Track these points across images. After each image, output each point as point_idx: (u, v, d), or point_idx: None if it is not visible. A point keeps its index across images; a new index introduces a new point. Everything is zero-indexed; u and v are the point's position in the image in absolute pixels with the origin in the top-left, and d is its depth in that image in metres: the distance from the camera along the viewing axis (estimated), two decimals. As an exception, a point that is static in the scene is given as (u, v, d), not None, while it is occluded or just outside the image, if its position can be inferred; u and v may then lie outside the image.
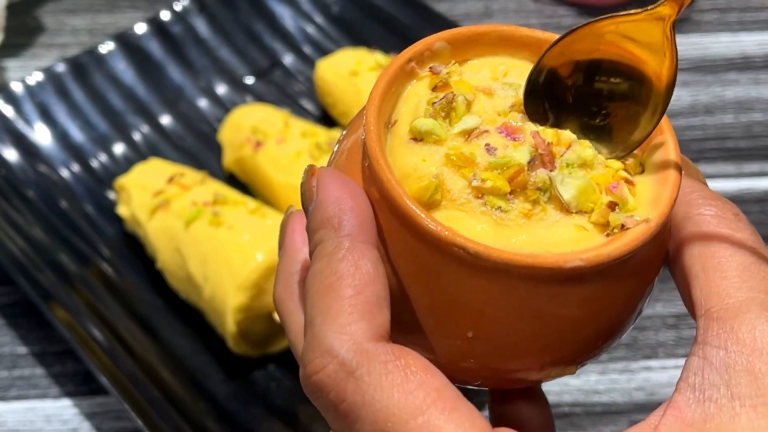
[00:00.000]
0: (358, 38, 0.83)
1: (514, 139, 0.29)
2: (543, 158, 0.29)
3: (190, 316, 0.64)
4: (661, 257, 0.30)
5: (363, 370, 0.26)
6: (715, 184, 0.75)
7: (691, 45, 0.87)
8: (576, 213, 0.29)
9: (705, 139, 0.79)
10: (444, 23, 0.82)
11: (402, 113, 0.31)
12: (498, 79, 0.32)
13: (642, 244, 0.28)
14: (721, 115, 0.81)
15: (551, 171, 0.29)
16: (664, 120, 0.30)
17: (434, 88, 0.31)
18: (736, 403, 0.26)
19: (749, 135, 0.79)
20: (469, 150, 0.29)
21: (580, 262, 0.27)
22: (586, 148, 0.30)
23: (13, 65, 0.85)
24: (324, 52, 0.82)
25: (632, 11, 0.29)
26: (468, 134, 0.30)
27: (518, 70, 0.32)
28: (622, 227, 0.28)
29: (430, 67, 0.31)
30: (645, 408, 0.61)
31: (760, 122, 0.80)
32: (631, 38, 0.30)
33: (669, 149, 0.30)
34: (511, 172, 0.28)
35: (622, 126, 0.30)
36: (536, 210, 0.29)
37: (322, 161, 0.67)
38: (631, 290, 0.30)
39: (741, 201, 0.73)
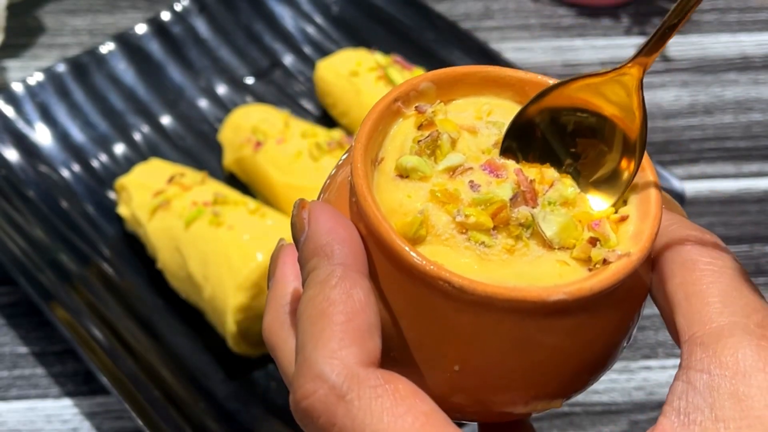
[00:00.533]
0: (358, 38, 0.83)
1: (497, 176, 0.30)
2: (525, 195, 0.30)
3: (190, 316, 0.64)
4: (644, 288, 0.31)
5: (353, 395, 0.26)
6: (714, 184, 0.75)
7: (691, 45, 0.87)
8: (558, 249, 0.29)
9: (704, 139, 0.79)
10: (444, 23, 0.82)
11: (389, 151, 0.31)
12: (482, 118, 0.33)
13: (624, 278, 0.28)
14: (720, 115, 0.81)
15: (533, 208, 0.30)
16: (645, 156, 0.31)
17: (420, 127, 0.32)
18: (720, 425, 0.26)
19: (748, 135, 0.79)
20: (454, 186, 0.30)
21: (563, 295, 0.27)
22: (568, 187, 0.30)
23: (13, 65, 0.85)
24: (324, 52, 0.82)
25: (600, 71, 0.31)
26: (453, 171, 0.30)
27: (502, 110, 0.33)
28: (604, 261, 0.29)
29: (416, 107, 0.32)
30: (644, 407, 0.61)
31: (759, 122, 0.80)
32: (602, 95, 0.31)
33: (650, 185, 0.30)
34: (494, 208, 0.29)
35: (597, 167, 0.31)
36: (519, 245, 0.29)
37: (322, 161, 0.67)
38: (615, 323, 0.30)
39: (740, 201, 0.73)
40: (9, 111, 0.75)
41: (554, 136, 0.32)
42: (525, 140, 0.32)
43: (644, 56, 0.30)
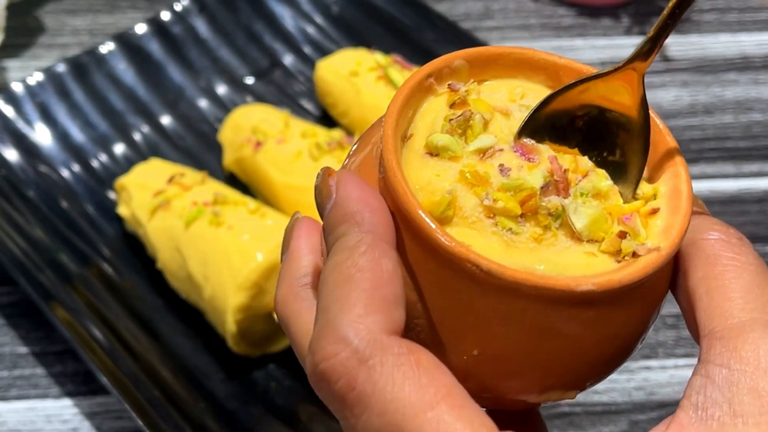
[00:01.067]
0: (358, 38, 0.83)
1: (529, 160, 0.30)
2: (558, 185, 0.29)
3: (190, 316, 0.64)
4: (666, 283, 0.31)
5: (376, 360, 0.26)
6: (714, 184, 0.75)
7: (691, 45, 0.87)
8: (587, 242, 0.29)
9: (704, 139, 0.79)
10: (444, 23, 0.82)
11: (419, 127, 0.31)
12: (515, 101, 0.32)
13: (653, 272, 0.28)
14: (720, 115, 0.81)
15: (565, 198, 0.29)
16: (678, 151, 0.31)
17: (452, 105, 0.31)
18: (738, 420, 0.26)
19: (749, 135, 0.79)
20: (484, 169, 0.29)
21: (591, 286, 0.27)
22: (602, 179, 0.30)
23: (13, 65, 0.85)
24: (324, 52, 0.82)
25: (602, 71, 0.31)
26: (483, 153, 0.30)
27: (534, 93, 0.32)
28: (634, 254, 0.29)
29: (449, 84, 0.32)
30: (644, 407, 0.61)
31: (759, 122, 0.80)
32: (605, 97, 0.31)
33: (681, 180, 0.30)
34: (523, 195, 0.29)
35: (623, 163, 0.31)
36: (547, 235, 0.29)
37: (322, 161, 0.67)
38: (638, 317, 0.30)
39: (740, 201, 0.73)
40: (9, 111, 0.75)
41: (580, 127, 0.32)
42: (550, 127, 0.31)
43: (641, 59, 0.30)
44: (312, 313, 0.29)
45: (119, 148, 0.76)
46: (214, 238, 0.61)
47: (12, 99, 0.75)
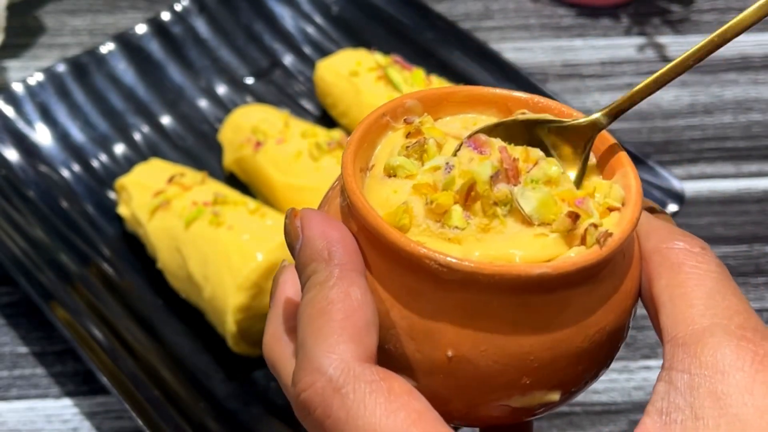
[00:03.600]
0: (358, 39, 0.83)
1: (481, 152, 0.31)
2: (507, 173, 0.30)
3: (190, 316, 0.64)
4: (634, 283, 0.31)
5: (348, 388, 0.27)
6: (714, 184, 0.75)
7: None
8: (538, 225, 0.30)
9: (704, 139, 0.79)
10: (444, 23, 0.82)
11: (379, 159, 0.33)
12: (468, 128, 0.34)
13: (607, 255, 0.29)
14: (720, 115, 0.81)
15: (515, 186, 0.30)
16: (624, 154, 0.33)
17: (408, 135, 0.33)
18: (699, 423, 0.27)
19: (748, 135, 0.79)
20: (433, 178, 0.31)
21: (546, 269, 0.28)
22: (552, 165, 0.31)
23: (13, 65, 0.85)
24: (324, 52, 0.82)
25: (564, 121, 0.33)
26: (437, 170, 0.31)
27: (487, 123, 0.34)
28: (583, 241, 0.29)
29: (405, 119, 0.33)
30: (644, 407, 0.61)
31: (759, 122, 0.80)
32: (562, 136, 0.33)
33: (630, 177, 0.31)
34: (464, 187, 0.30)
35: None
36: (494, 223, 0.30)
37: (322, 161, 0.67)
38: (604, 307, 0.30)
39: (740, 201, 0.73)
40: (9, 111, 0.75)
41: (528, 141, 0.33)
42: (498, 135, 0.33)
43: (606, 116, 0.32)
44: (294, 357, 0.31)
45: (119, 148, 0.76)
46: (214, 238, 0.61)
47: (12, 99, 0.75)
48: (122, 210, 0.68)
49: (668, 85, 0.34)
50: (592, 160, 0.33)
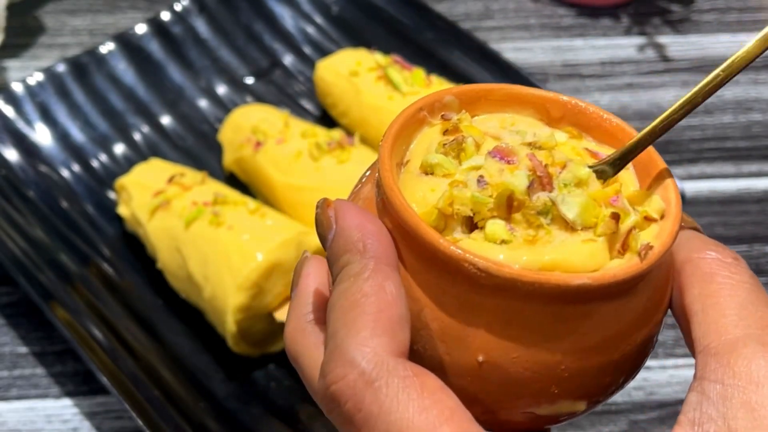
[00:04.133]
0: (358, 38, 0.83)
1: (509, 162, 0.30)
2: (542, 180, 0.30)
3: (190, 316, 0.64)
4: (665, 294, 0.31)
5: (382, 382, 0.26)
6: (714, 185, 0.75)
7: (691, 45, 0.87)
8: (581, 230, 0.29)
9: (704, 139, 0.79)
10: (444, 23, 0.82)
11: (414, 154, 0.32)
12: (506, 128, 0.33)
13: (647, 268, 0.29)
14: (720, 115, 0.81)
15: (550, 192, 0.30)
16: (666, 167, 0.32)
17: (445, 132, 0.32)
18: None
19: (748, 135, 0.79)
20: (466, 178, 0.30)
21: (587, 279, 0.28)
22: (581, 167, 0.30)
23: (13, 65, 0.85)
24: (324, 52, 0.82)
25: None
26: (476, 168, 0.31)
27: (525, 123, 0.34)
28: (625, 247, 0.29)
29: (442, 115, 0.33)
30: (644, 407, 0.61)
31: (759, 122, 0.80)
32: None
33: (670, 189, 0.31)
34: (502, 200, 0.29)
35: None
36: (540, 234, 0.29)
37: (322, 161, 0.67)
38: (636, 319, 0.30)
39: (740, 201, 0.73)
40: (9, 111, 0.75)
41: None
42: None
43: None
44: (319, 348, 0.30)
45: (119, 148, 0.76)
46: (214, 238, 0.61)
47: (12, 99, 0.75)
48: (122, 210, 0.68)
49: (668, 85, 0.34)
50: (629, 168, 0.33)
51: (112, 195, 0.72)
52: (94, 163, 0.75)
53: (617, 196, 0.30)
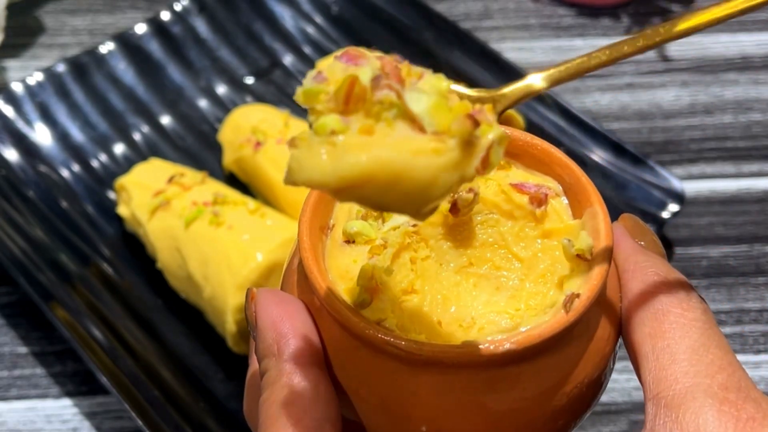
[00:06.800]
0: (358, 38, 0.83)
1: (357, 65, 0.26)
2: (389, 77, 0.25)
3: (190, 316, 0.64)
4: (609, 331, 0.30)
5: None
6: (714, 185, 0.75)
7: (691, 45, 0.87)
8: (432, 134, 0.25)
9: (704, 139, 0.79)
10: (443, 23, 0.82)
11: (338, 217, 0.31)
12: None
13: (574, 321, 0.28)
14: (720, 115, 0.81)
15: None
16: (592, 188, 0.31)
17: None
18: None
19: (748, 135, 0.79)
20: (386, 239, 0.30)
21: (511, 345, 0.27)
22: (441, 80, 0.26)
23: (13, 65, 0.85)
24: (324, 52, 0.82)
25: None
26: (397, 229, 0.30)
27: None
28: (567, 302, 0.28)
29: None
30: (643, 408, 0.61)
31: (759, 122, 0.80)
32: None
33: (599, 219, 0.30)
34: (341, 90, 0.25)
35: None
36: (380, 126, 0.25)
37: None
38: (581, 364, 0.30)
39: (740, 201, 0.73)
40: (9, 111, 0.75)
41: None
42: None
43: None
44: None
45: (119, 148, 0.76)
46: (214, 238, 0.61)
47: (12, 99, 0.75)
48: (122, 210, 0.68)
49: (668, 85, 0.34)
50: (559, 189, 0.31)
51: (112, 195, 0.72)
52: (94, 163, 0.75)
53: (480, 108, 0.26)
